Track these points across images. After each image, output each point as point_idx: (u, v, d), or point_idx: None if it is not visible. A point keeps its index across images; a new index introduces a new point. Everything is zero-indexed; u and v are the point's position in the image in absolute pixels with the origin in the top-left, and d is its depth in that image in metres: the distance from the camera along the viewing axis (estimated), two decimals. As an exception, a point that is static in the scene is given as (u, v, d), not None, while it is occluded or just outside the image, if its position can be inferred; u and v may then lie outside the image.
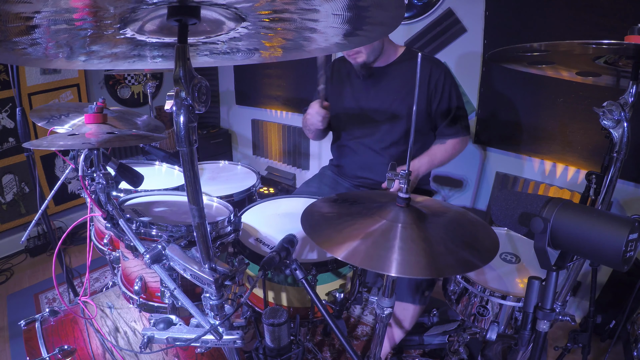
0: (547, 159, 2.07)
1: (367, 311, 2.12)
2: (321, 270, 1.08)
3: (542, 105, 2.00)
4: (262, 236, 1.22)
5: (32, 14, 0.52)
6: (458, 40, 2.21)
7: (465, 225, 0.90)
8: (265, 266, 0.86)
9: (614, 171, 0.91)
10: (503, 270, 1.18)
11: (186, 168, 0.64)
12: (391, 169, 0.90)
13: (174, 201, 1.23)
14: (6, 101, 2.44)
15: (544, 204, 0.68)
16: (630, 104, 0.86)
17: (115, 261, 1.35)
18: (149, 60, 0.87)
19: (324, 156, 3.09)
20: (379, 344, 1.01)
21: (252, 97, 3.50)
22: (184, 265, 0.77)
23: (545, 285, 0.70)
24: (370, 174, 1.68)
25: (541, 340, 0.74)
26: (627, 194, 1.83)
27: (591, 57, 0.93)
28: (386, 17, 0.64)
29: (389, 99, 1.58)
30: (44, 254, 2.65)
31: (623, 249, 0.58)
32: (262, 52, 0.84)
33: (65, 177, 1.26)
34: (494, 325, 1.07)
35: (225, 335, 0.78)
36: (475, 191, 2.41)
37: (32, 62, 0.76)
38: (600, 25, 1.70)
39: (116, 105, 3.12)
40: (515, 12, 1.96)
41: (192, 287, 0.96)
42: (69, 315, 1.12)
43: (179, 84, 0.59)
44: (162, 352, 1.03)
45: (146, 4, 0.55)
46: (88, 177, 0.97)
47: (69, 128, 1.31)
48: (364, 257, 0.75)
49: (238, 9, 0.59)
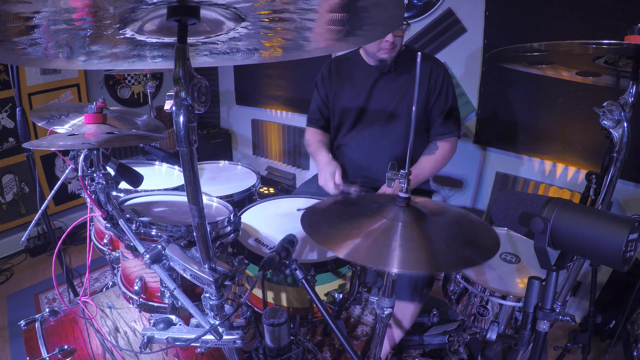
0: (547, 159, 2.07)
1: (367, 311, 2.12)
2: (320, 270, 1.08)
3: (542, 105, 2.00)
4: (261, 236, 1.22)
5: (31, 14, 0.52)
6: (458, 40, 2.21)
7: (465, 225, 0.90)
8: (265, 266, 0.86)
9: (614, 171, 0.91)
10: (503, 270, 1.18)
11: (186, 168, 0.64)
12: (391, 169, 0.90)
13: (174, 201, 1.23)
14: (6, 101, 2.44)
15: (544, 204, 0.68)
16: (630, 104, 0.86)
17: (115, 261, 1.36)
18: (148, 60, 0.87)
19: (324, 156, 3.09)
20: (379, 344, 1.01)
21: (252, 97, 3.50)
22: (184, 265, 0.77)
23: (545, 285, 0.70)
24: (370, 174, 1.68)
25: (541, 340, 0.74)
26: (627, 194, 1.83)
27: (591, 57, 0.93)
28: (386, 17, 0.64)
29: (390, 98, 1.58)
30: (44, 254, 2.65)
31: (623, 249, 0.58)
32: (262, 52, 0.84)
33: (65, 177, 1.26)
34: (494, 325, 1.07)
35: (225, 335, 0.77)
36: (475, 191, 2.41)
37: (32, 62, 0.76)
38: (600, 25, 1.70)
39: (116, 105, 3.12)
40: (515, 12, 1.96)
41: (192, 287, 0.96)
42: (69, 315, 1.12)
43: (178, 84, 0.59)
44: (162, 352, 1.03)
45: (146, 4, 0.55)
46: (88, 177, 0.97)
47: (69, 128, 1.31)
48: (365, 255, 0.75)
49: (238, 9, 0.59)
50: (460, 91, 2.26)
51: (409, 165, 0.85)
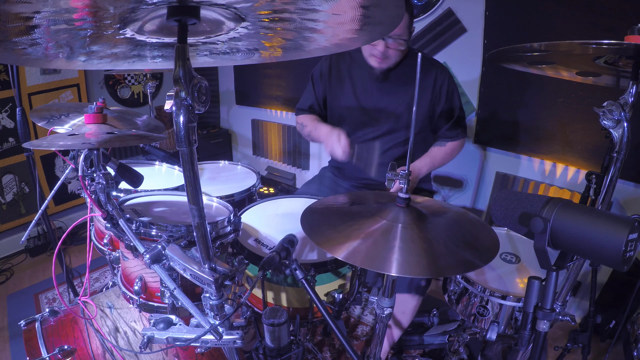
0: (547, 159, 2.07)
1: (367, 311, 2.12)
2: (320, 270, 1.08)
3: (542, 105, 2.00)
4: (261, 236, 1.22)
5: (31, 14, 0.52)
6: (458, 40, 2.21)
7: (465, 225, 0.90)
8: (265, 266, 0.86)
9: (614, 171, 0.91)
10: (503, 270, 1.18)
11: (186, 168, 0.64)
12: (391, 169, 0.90)
13: (174, 201, 1.23)
14: (6, 101, 2.44)
15: (544, 204, 0.68)
16: (630, 104, 0.86)
17: (115, 261, 1.35)
18: (149, 60, 0.87)
19: (324, 156, 3.09)
20: (379, 343, 1.01)
21: (252, 97, 3.50)
22: (184, 265, 0.77)
23: (545, 285, 0.70)
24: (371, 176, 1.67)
25: (541, 340, 0.74)
26: (627, 194, 1.83)
27: (591, 57, 0.93)
28: (386, 17, 0.64)
29: (392, 99, 1.57)
30: (44, 254, 2.65)
31: (623, 249, 0.58)
32: (262, 52, 0.84)
33: (65, 177, 1.26)
34: (494, 325, 1.07)
35: (225, 335, 0.77)
36: (475, 191, 2.41)
37: (32, 62, 0.76)
38: (600, 25, 1.70)
39: (116, 105, 3.12)
40: (515, 12, 1.96)
41: (192, 287, 0.96)
42: (69, 315, 1.12)
43: (178, 84, 0.59)
44: (162, 352, 1.03)
45: (146, 4, 0.55)
46: (88, 177, 0.97)
47: (69, 128, 1.31)
48: (365, 257, 0.75)
49: (238, 9, 0.59)
50: (460, 91, 2.25)
51: (410, 167, 0.84)
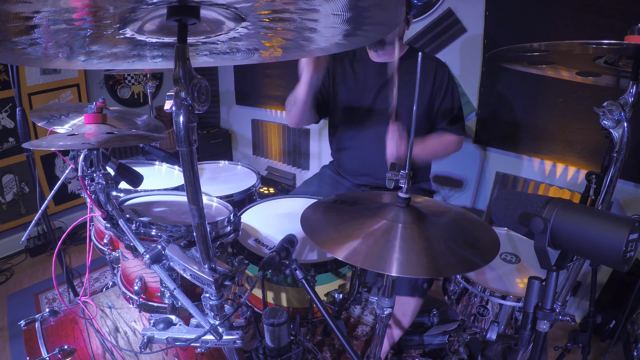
0: (547, 159, 2.07)
1: (367, 311, 2.12)
2: (320, 270, 1.08)
3: (542, 105, 2.00)
4: (261, 236, 1.22)
5: (31, 13, 0.52)
6: (458, 40, 2.21)
7: (465, 225, 0.90)
8: (265, 266, 0.86)
9: (614, 171, 0.91)
10: (503, 270, 1.18)
11: (186, 168, 0.64)
12: (391, 169, 0.90)
13: (174, 201, 1.23)
14: (6, 101, 2.44)
15: (544, 204, 0.68)
16: (630, 104, 0.86)
17: (115, 261, 1.36)
18: (148, 60, 0.87)
19: (324, 156, 3.09)
20: (379, 343, 1.01)
21: (252, 97, 3.50)
22: (184, 265, 0.77)
23: (545, 285, 0.70)
24: (372, 173, 1.67)
25: (541, 340, 0.74)
26: (627, 194, 1.83)
27: (591, 57, 0.93)
28: (386, 17, 0.64)
29: (393, 95, 1.57)
30: (44, 254, 2.65)
31: (623, 249, 0.58)
32: (262, 52, 0.84)
33: (65, 177, 1.26)
34: (494, 325, 1.07)
35: (225, 335, 0.77)
36: (475, 191, 2.41)
37: (32, 62, 0.76)
38: (600, 25, 1.70)
39: (116, 105, 3.12)
40: (515, 12, 1.95)
41: (192, 287, 0.96)
42: (69, 315, 1.12)
43: (178, 84, 0.59)
44: (162, 352, 1.03)
45: (146, 4, 0.55)
46: (88, 177, 0.97)
47: (69, 128, 1.30)
48: (365, 257, 0.75)
49: (238, 9, 0.59)
50: (460, 91, 2.25)
51: (409, 166, 0.84)
